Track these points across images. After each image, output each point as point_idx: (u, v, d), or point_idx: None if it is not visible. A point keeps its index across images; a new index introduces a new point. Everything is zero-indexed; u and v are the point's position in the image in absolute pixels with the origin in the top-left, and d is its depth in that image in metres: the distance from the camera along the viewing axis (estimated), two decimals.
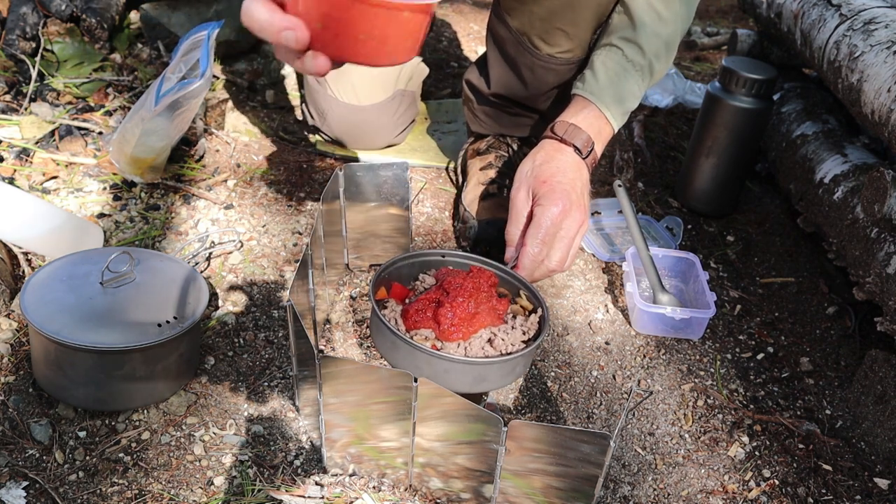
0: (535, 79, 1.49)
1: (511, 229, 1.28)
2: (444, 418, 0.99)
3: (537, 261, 1.23)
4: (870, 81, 1.33)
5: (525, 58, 1.46)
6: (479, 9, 2.75)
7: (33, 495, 1.02)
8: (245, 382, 1.22)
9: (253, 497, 1.05)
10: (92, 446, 1.10)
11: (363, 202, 1.37)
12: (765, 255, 1.64)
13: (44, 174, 1.58)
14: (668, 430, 1.24)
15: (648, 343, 1.39)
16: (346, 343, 1.32)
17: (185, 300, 1.17)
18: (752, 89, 1.60)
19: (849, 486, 1.17)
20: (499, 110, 1.60)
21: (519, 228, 1.27)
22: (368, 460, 1.08)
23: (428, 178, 1.75)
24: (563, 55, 1.43)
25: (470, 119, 1.66)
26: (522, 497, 1.02)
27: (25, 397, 1.14)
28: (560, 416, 1.24)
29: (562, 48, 1.42)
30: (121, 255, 1.15)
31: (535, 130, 1.61)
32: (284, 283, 1.41)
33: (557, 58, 1.43)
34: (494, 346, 1.14)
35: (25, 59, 1.82)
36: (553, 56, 1.43)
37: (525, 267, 1.23)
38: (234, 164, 1.70)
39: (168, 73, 1.52)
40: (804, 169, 1.62)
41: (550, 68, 1.45)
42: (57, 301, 1.11)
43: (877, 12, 1.45)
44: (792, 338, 1.45)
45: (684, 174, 1.75)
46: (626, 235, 1.62)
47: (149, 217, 1.52)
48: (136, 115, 1.51)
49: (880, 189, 1.28)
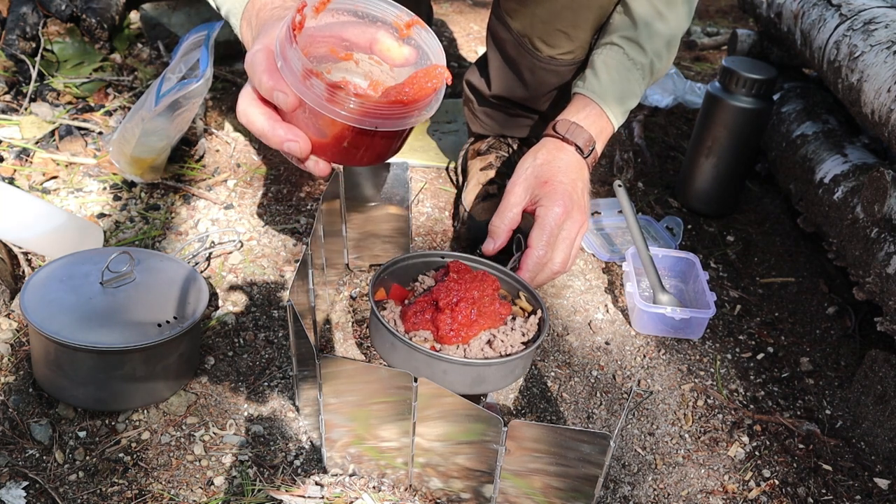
0: (535, 80, 1.49)
1: (496, 221, 1.27)
2: (444, 418, 0.99)
3: (541, 263, 1.23)
4: (870, 81, 1.33)
5: (526, 59, 1.46)
6: (478, 9, 2.75)
7: (33, 495, 1.02)
8: (245, 382, 1.22)
9: (253, 497, 1.05)
10: (92, 446, 1.10)
11: (363, 202, 1.37)
12: (765, 255, 1.64)
13: (44, 174, 1.58)
14: (668, 430, 1.24)
15: (648, 343, 1.39)
16: (346, 343, 1.32)
17: (185, 300, 1.17)
18: (752, 89, 1.60)
19: (849, 486, 1.17)
20: (499, 111, 1.60)
21: (504, 222, 1.27)
22: (368, 460, 1.08)
23: (428, 178, 1.75)
24: (563, 56, 1.43)
25: (470, 120, 1.66)
26: (522, 497, 1.02)
27: (25, 397, 1.14)
28: (560, 416, 1.24)
29: (563, 49, 1.42)
30: (121, 255, 1.15)
31: (535, 131, 1.61)
32: (284, 283, 1.41)
33: (558, 59, 1.43)
34: (494, 348, 1.14)
35: (25, 59, 1.82)
36: (554, 58, 1.43)
37: (529, 269, 1.23)
38: (234, 164, 1.70)
39: (168, 73, 1.52)
40: (804, 169, 1.62)
41: (551, 70, 1.45)
42: (57, 301, 1.11)
43: (877, 12, 1.45)
44: (792, 338, 1.45)
45: (684, 174, 1.75)
46: (626, 235, 1.62)
47: (149, 217, 1.52)
48: (136, 115, 1.51)
49: (880, 189, 1.28)
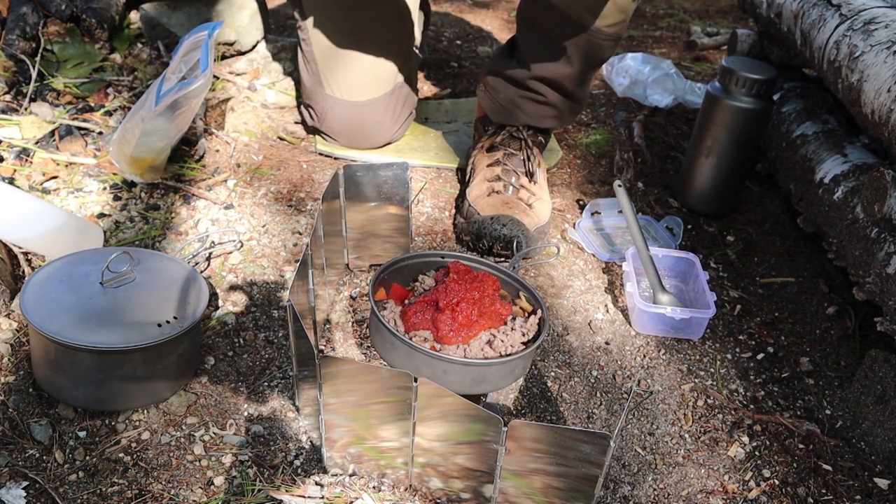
0: (578, 55, 1.53)
1: None
2: (444, 418, 0.99)
3: None
4: (870, 81, 1.33)
5: (571, 33, 1.50)
6: (478, 9, 2.75)
7: (33, 495, 1.02)
8: (245, 382, 1.22)
9: (253, 497, 1.05)
10: (92, 446, 1.10)
11: (363, 202, 1.37)
12: (765, 255, 1.64)
13: (44, 174, 1.58)
14: (668, 430, 1.24)
15: (648, 343, 1.39)
16: (346, 343, 1.32)
17: (185, 300, 1.17)
18: (752, 89, 1.60)
19: (849, 486, 1.17)
20: (527, 99, 1.62)
21: None
22: (368, 460, 1.08)
23: (428, 178, 1.75)
24: (608, 29, 1.49)
25: (491, 111, 1.67)
26: (522, 497, 1.02)
27: (25, 397, 1.14)
28: (560, 416, 1.24)
29: (609, 21, 1.47)
30: (121, 255, 1.15)
31: (558, 121, 1.65)
32: (284, 283, 1.41)
33: (604, 31, 1.49)
34: (494, 348, 1.14)
35: (25, 59, 1.82)
36: (601, 30, 1.48)
37: None
38: (234, 164, 1.70)
39: (168, 73, 1.52)
40: (804, 169, 1.62)
41: (595, 43, 1.51)
42: (57, 301, 1.11)
43: (877, 12, 1.45)
44: (792, 338, 1.45)
45: (684, 174, 1.75)
46: (626, 235, 1.62)
47: (149, 217, 1.52)
48: (136, 115, 1.51)
49: (880, 189, 1.28)
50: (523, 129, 1.64)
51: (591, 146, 1.94)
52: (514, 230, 1.46)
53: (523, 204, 1.53)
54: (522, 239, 1.46)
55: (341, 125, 1.73)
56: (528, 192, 1.56)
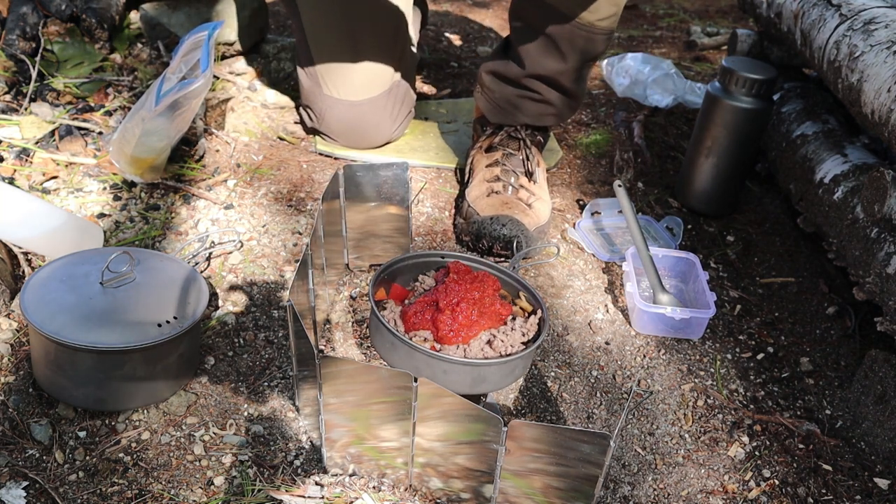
0: (572, 50, 1.54)
1: None
2: (444, 418, 0.99)
3: None
4: (870, 81, 1.33)
5: (564, 30, 1.51)
6: (479, 9, 2.75)
7: (33, 495, 1.02)
8: (245, 382, 1.22)
9: (253, 497, 1.05)
10: (92, 446, 1.10)
11: (363, 202, 1.37)
12: (765, 255, 1.64)
13: (44, 174, 1.58)
14: (668, 430, 1.24)
15: (648, 343, 1.39)
16: (346, 343, 1.32)
17: (185, 300, 1.17)
18: (752, 89, 1.60)
19: (849, 486, 1.17)
20: (524, 98, 1.62)
21: None
22: (368, 460, 1.08)
23: (428, 178, 1.75)
24: (601, 23, 1.50)
25: (489, 111, 1.67)
26: (522, 497, 1.02)
27: (25, 397, 1.14)
28: (560, 416, 1.24)
29: (601, 15, 1.49)
30: (121, 255, 1.15)
31: (556, 119, 1.65)
32: (284, 283, 1.41)
33: (596, 26, 1.50)
34: (494, 348, 1.14)
35: (25, 59, 1.82)
36: (593, 24, 1.50)
37: None
38: (234, 164, 1.70)
39: (168, 73, 1.52)
40: (804, 169, 1.62)
41: (587, 37, 1.52)
42: (57, 301, 1.11)
43: (877, 12, 1.45)
44: (792, 338, 1.45)
45: (684, 174, 1.75)
46: (626, 235, 1.62)
47: (149, 217, 1.52)
48: (137, 115, 1.51)
49: (880, 189, 1.28)
50: (521, 129, 1.64)
51: (591, 146, 1.94)
52: (513, 230, 1.46)
53: (523, 204, 1.53)
54: (522, 239, 1.46)
55: (340, 125, 1.73)
56: (528, 192, 1.56)
